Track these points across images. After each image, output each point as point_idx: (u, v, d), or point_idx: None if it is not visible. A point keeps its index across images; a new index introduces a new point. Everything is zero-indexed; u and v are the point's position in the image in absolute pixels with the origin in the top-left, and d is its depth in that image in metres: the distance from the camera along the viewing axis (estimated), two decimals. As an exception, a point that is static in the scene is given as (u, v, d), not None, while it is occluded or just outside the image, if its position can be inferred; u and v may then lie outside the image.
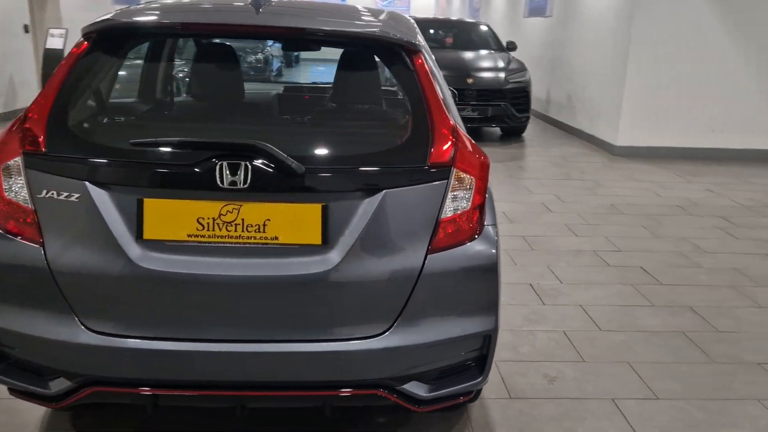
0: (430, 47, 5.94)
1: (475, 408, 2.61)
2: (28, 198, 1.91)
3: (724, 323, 3.48)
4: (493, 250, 2.04)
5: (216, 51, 2.56)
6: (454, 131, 2.02)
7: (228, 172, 1.83)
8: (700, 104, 7.90)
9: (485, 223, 2.07)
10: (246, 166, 1.84)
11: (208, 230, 1.88)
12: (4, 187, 1.93)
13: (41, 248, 1.90)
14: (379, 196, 1.90)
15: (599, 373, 2.93)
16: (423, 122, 2.01)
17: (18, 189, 1.91)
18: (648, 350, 3.16)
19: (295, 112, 2.50)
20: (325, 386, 1.99)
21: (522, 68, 8.85)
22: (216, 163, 1.84)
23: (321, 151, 2.01)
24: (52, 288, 1.90)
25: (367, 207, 1.90)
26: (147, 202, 1.87)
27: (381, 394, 2.01)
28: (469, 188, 2.00)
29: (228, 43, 2.62)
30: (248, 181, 1.84)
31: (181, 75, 2.54)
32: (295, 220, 1.89)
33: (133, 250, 1.88)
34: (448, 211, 1.97)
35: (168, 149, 1.89)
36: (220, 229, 1.88)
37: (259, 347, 1.92)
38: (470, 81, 8.26)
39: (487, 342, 2.10)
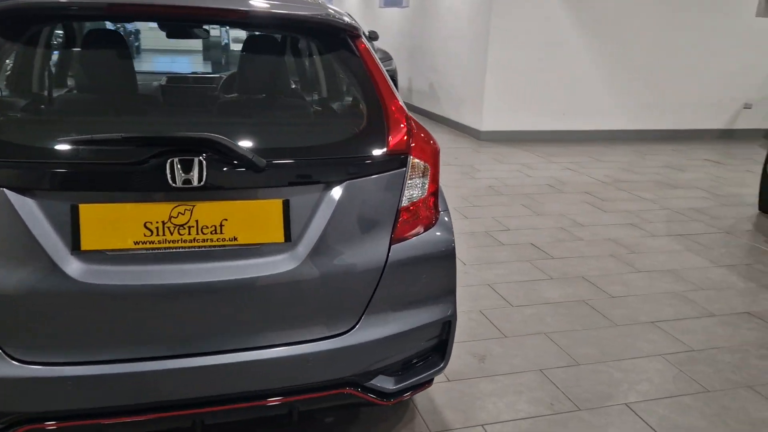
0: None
1: (419, 396, 2.62)
2: None
3: (615, 289, 3.80)
4: (451, 237, 2.04)
5: (110, 38, 2.28)
6: (407, 118, 1.99)
7: (180, 169, 1.66)
8: (552, 90, 8.53)
9: (440, 210, 2.07)
10: (200, 163, 1.67)
11: (157, 235, 1.69)
12: None
13: (-51, 271, 1.59)
14: (340, 188, 1.82)
15: (522, 347, 3.07)
16: (377, 110, 1.95)
17: None
18: (558, 320, 3.36)
19: (232, 103, 2.32)
20: (293, 392, 1.88)
21: (388, 57, 9.00)
22: (166, 160, 1.65)
23: (277, 144, 1.86)
24: None
25: (329, 200, 1.82)
26: (83, 208, 1.64)
27: (350, 392, 1.94)
28: (424, 175, 1.98)
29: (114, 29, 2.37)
30: (203, 178, 1.67)
31: (81, 64, 2.23)
32: (254, 219, 1.76)
33: (70, 264, 1.63)
34: (405, 200, 1.94)
35: (107, 147, 1.66)
36: (172, 233, 1.70)
37: (220, 359, 1.77)
38: (340, 71, 8.24)
39: (446, 328, 2.10)
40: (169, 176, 1.65)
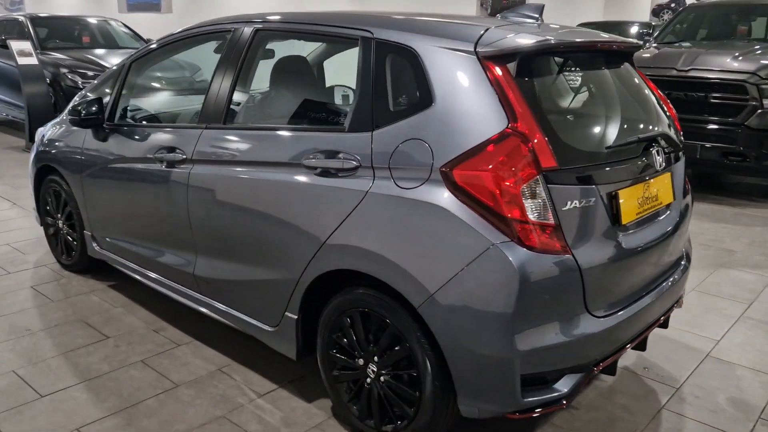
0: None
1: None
2: (551, 213, 1.97)
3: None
4: None
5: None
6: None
7: (658, 157, 2.35)
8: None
9: None
10: (662, 152, 2.39)
11: (641, 206, 2.34)
12: (527, 207, 1.93)
13: (571, 256, 2.00)
14: (681, 161, 2.68)
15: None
16: (662, 105, 2.81)
17: (539, 206, 1.96)
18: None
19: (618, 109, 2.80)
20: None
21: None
22: (651, 152, 2.33)
23: (667, 135, 2.58)
24: (579, 290, 2.04)
25: (676, 169, 2.65)
26: (621, 193, 2.21)
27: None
28: None
29: None
30: (664, 163, 2.39)
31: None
32: (664, 186, 2.51)
33: (619, 236, 2.20)
34: None
35: (627, 147, 2.27)
36: (645, 203, 2.36)
37: (667, 284, 2.51)
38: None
39: None
40: (656, 162, 2.33)
